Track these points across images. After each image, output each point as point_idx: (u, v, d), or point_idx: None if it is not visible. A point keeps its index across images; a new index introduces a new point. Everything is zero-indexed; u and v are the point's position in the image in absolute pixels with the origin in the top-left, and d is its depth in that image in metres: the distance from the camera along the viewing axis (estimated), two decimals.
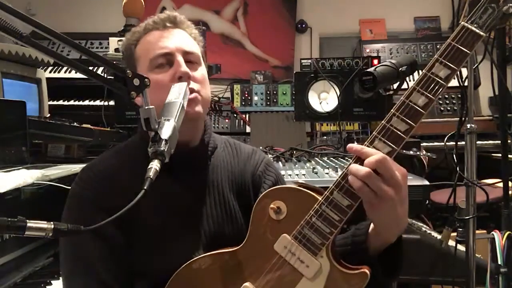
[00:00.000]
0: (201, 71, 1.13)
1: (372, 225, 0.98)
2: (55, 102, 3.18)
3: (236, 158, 1.21)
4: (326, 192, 0.91)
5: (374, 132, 0.88)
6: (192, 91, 1.05)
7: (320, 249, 0.91)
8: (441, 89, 0.85)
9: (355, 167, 0.86)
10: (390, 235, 0.94)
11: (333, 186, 0.91)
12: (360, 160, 0.88)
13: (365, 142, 0.89)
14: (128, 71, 0.91)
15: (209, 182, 1.15)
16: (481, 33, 0.86)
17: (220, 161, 1.18)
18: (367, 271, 0.91)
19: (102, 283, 1.03)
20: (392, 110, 0.86)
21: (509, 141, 1.68)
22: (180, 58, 1.09)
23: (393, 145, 0.86)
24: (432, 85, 0.85)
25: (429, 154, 2.21)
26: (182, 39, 1.12)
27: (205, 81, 1.13)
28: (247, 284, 0.97)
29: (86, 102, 3.27)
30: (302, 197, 0.95)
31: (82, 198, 1.07)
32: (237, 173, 1.18)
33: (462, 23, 0.87)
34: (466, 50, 0.86)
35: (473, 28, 0.86)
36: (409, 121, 0.86)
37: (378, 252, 0.98)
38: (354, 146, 0.89)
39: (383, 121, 0.87)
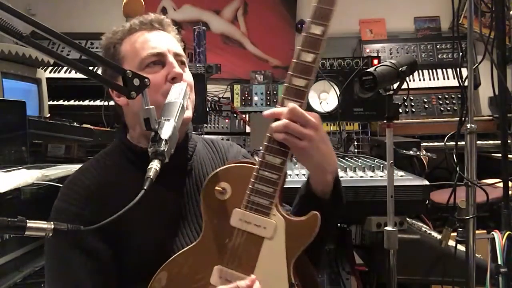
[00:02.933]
0: (188, 73, 1.14)
1: (310, 176, 1.06)
2: (55, 102, 3.17)
3: (216, 154, 1.23)
4: (259, 158, 1.00)
5: (281, 95, 1.00)
6: None
7: (270, 209, 0.98)
8: (321, 43, 0.98)
9: (275, 124, 0.97)
10: (325, 174, 1.02)
11: (263, 151, 0.99)
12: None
13: (276, 105, 1.00)
14: (128, 71, 0.92)
15: (196, 181, 1.14)
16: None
17: (202, 159, 1.19)
18: (317, 213, 0.97)
19: None
20: (289, 72, 0.99)
21: (509, 141, 1.68)
22: (172, 59, 1.09)
23: (299, 100, 0.98)
24: (314, 42, 0.98)
25: (429, 154, 2.21)
26: (171, 41, 1.13)
27: (192, 83, 1.14)
28: (217, 266, 1.00)
29: (86, 102, 3.27)
30: (240, 171, 1.02)
31: (67, 213, 1.03)
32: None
33: None
34: (330, 8, 0.98)
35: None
36: (305, 76, 0.98)
37: (323, 196, 1.04)
38: (267, 112, 0.99)
39: (285, 83, 0.99)
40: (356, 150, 2.45)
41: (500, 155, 1.67)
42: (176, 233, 1.08)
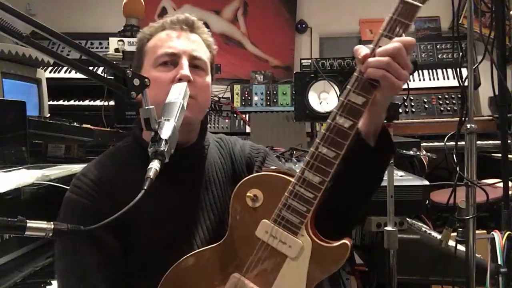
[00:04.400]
0: (204, 78, 1.13)
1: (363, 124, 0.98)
2: (55, 102, 3.17)
3: (224, 149, 1.24)
4: (298, 173, 0.93)
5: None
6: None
7: (300, 228, 0.93)
8: None
9: (374, 59, 0.93)
10: (383, 116, 0.98)
11: (304, 166, 0.93)
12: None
13: (373, 44, 0.97)
14: (128, 71, 0.92)
15: (205, 179, 1.15)
16: (418, 4, 0.94)
17: (213, 156, 1.20)
18: (348, 242, 0.93)
19: None
20: (342, 98, 0.93)
21: (509, 141, 1.68)
22: (184, 61, 1.09)
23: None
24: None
25: (429, 154, 2.21)
26: (192, 43, 1.14)
27: (206, 88, 1.14)
28: (235, 274, 0.98)
29: (86, 102, 3.27)
30: (276, 182, 0.97)
31: (78, 205, 1.05)
32: (228, 165, 1.20)
33: None
34: (407, 22, 0.93)
35: (410, 0, 0.93)
36: (364, 94, 0.92)
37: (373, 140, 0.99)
38: (362, 49, 0.98)
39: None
40: None
41: (500, 155, 1.67)
42: (185, 231, 1.09)
